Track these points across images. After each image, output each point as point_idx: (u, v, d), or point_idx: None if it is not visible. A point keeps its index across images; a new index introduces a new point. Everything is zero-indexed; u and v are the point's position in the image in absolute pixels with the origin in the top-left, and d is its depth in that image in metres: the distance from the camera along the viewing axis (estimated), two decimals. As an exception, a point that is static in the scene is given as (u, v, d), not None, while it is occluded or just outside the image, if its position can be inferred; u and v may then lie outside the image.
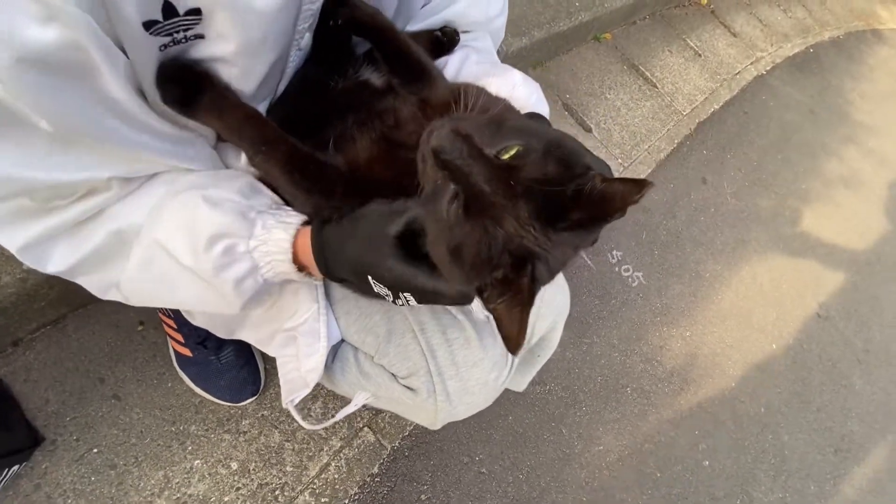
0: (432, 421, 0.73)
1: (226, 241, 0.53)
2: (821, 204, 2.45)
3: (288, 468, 1.02)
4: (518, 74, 0.70)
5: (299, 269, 0.57)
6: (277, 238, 0.55)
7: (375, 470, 1.10)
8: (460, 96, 0.62)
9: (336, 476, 1.05)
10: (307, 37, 0.64)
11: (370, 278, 0.51)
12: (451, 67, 0.73)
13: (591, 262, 1.67)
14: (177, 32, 0.48)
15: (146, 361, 1.00)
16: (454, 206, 0.44)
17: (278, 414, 1.05)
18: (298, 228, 0.56)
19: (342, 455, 1.07)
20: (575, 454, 1.34)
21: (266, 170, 0.58)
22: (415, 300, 0.51)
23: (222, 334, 0.77)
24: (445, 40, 0.76)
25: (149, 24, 0.45)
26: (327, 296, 0.71)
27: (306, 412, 1.08)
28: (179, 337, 0.96)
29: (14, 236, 0.52)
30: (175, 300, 0.58)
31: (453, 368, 0.70)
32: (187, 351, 0.96)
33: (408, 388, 0.70)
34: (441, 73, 0.66)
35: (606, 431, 1.42)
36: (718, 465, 1.53)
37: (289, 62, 0.63)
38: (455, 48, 0.77)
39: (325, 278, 0.58)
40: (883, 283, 2.33)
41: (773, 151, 2.49)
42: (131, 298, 0.58)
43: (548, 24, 1.78)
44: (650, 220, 1.90)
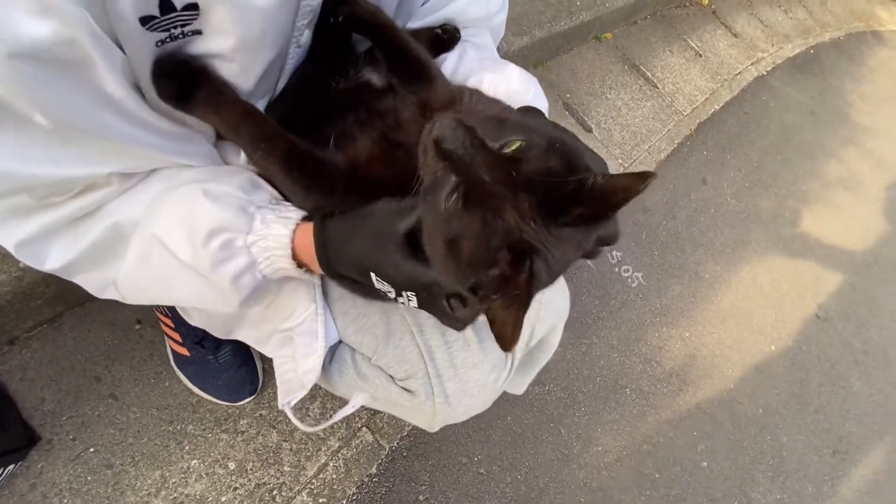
0: (430, 423, 0.72)
1: (224, 236, 0.52)
2: (820, 205, 2.45)
3: (286, 468, 1.02)
4: (515, 69, 0.69)
5: (298, 266, 0.57)
6: (277, 233, 0.54)
7: (373, 470, 1.10)
8: (460, 97, 0.62)
9: (334, 476, 1.05)
10: (307, 34, 0.63)
11: (373, 275, 0.51)
12: (449, 63, 0.73)
13: (591, 263, 1.67)
14: (174, 28, 0.47)
15: (143, 360, 0.99)
16: (453, 198, 0.43)
17: (276, 414, 1.05)
18: (298, 224, 0.55)
19: (340, 455, 1.07)
20: (573, 455, 1.34)
21: (264, 167, 0.57)
22: (416, 302, 0.50)
23: (220, 334, 0.76)
24: (446, 38, 0.75)
25: (145, 20, 0.45)
26: (325, 296, 0.70)
27: (304, 412, 1.07)
28: (177, 336, 0.95)
29: (11, 233, 0.51)
30: (173, 297, 0.58)
31: (452, 370, 0.69)
32: (185, 350, 0.96)
33: (406, 391, 0.70)
34: (441, 73, 0.66)
35: (605, 432, 1.41)
36: (717, 466, 1.53)
37: (288, 59, 0.62)
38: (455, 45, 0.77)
39: (324, 277, 0.57)
40: (881, 285, 2.33)
41: (774, 152, 2.48)
42: (128, 296, 0.58)
43: (549, 24, 1.78)
44: (650, 221, 1.89)
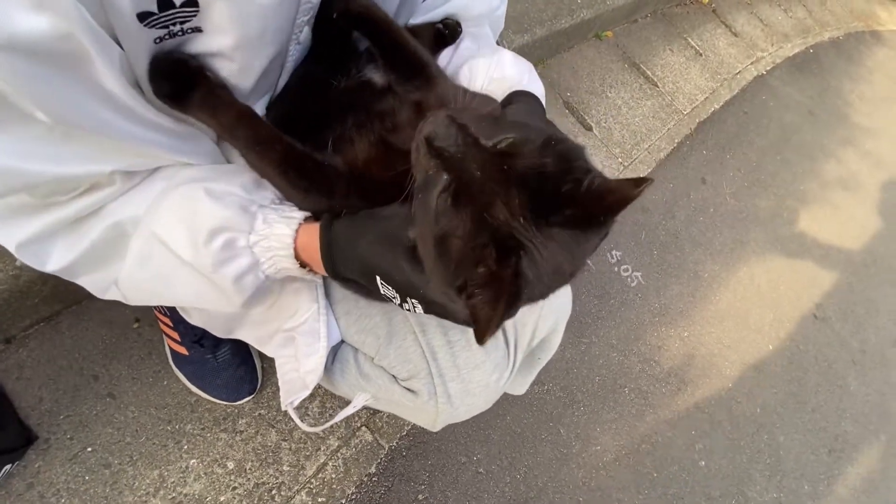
0: (432, 423, 0.72)
1: (226, 235, 0.52)
2: (818, 205, 2.45)
3: (285, 468, 1.01)
4: (508, 54, 0.68)
5: (301, 266, 0.56)
6: (279, 233, 0.54)
7: (373, 470, 1.10)
8: (458, 96, 0.61)
9: (333, 476, 1.04)
10: (306, 31, 0.63)
11: (378, 279, 0.50)
12: (445, 53, 0.72)
13: (590, 262, 1.67)
14: (173, 25, 0.46)
15: (141, 359, 0.99)
16: (444, 196, 0.43)
17: (275, 413, 1.04)
18: (301, 224, 0.55)
19: (339, 455, 1.07)
20: (572, 454, 1.34)
21: (260, 169, 0.56)
22: (422, 308, 0.50)
23: (220, 333, 0.76)
24: (447, 33, 0.75)
25: (143, 16, 0.44)
26: (327, 296, 0.70)
27: (303, 412, 1.07)
28: (175, 335, 0.94)
29: (12, 233, 0.51)
30: (174, 297, 0.57)
31: (455, 370, 0.69)
32: (183, 349, 0.95)
33: (408, 391, 0.69)
34: (443, 73, 0.65)
35: (604, 431, 1.41)
36: (714, 465, 1.54)
37: (288, 57, 0.62)
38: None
39: (328, 277, 0.57)
40: (878, 286, 2.34)
41: (773, 152, 2.49)
42: (130, 296, 0.57)
43: (549, 22, 1.77)
44: (649, 220, 1.89)
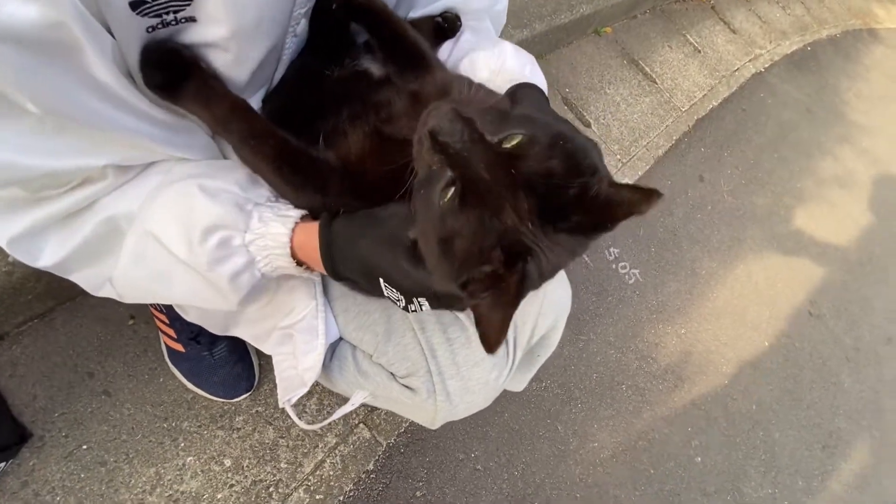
0: (431, 420, 0.72)
1: (221, 233, 0.51)
2: (815, 203, 2.46)
3: (282, 465, 1.01)
4: (509, 46, 0.67)
5: (298, 265, 0.55)
6: (275, 232, 0.53)
7: (371, 467, 1.10)
8: (458, 88, 0.60)
9: (331, 473, 1.04)
10: (303, 23, 0.62)
11: (381, 281, 0.50)
12: (445, 46, 0.72)
13: (588, 259, 1.67)
14: (166, 14, 0.45)
15: (137, 356, 0.98)
16: (450, 194, 0.42)
17: (273, 410, 1.03)
18: (297, 222, 0.54)
19: (337, 452, 1.06)
20: (570, 451, 1.34)
21: (253, 164, 0.55)
22: (429, 306, 0.49)
23: (216, 331, 0.75)
24: (447, 26, 0.74)
25: (136, 4, 0.43)
26: (325, 293, 0.69)
27: (301, 409, 1.06)
28: (171, 332, 0.93)
29: (3, 228, 0.50)
30: (170, 295, 0.56)
31: (454, 368, 0.68)
32: (180, 346, 0.94)
33: (407, 388, 0.69)
34: (441, 65, 0.64)
35: (601, 428, 1.42)
36: (710, 462, 1.54)
37: (284, 49, 0.61)
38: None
39: (327, 276, 0.56)
40: (873, 283, 2.36)
41: (770, 150, 2.49)
42: (125, 294, 0.56)
43: (549, 17, 1.76)
44: (647, 217, 1.89)
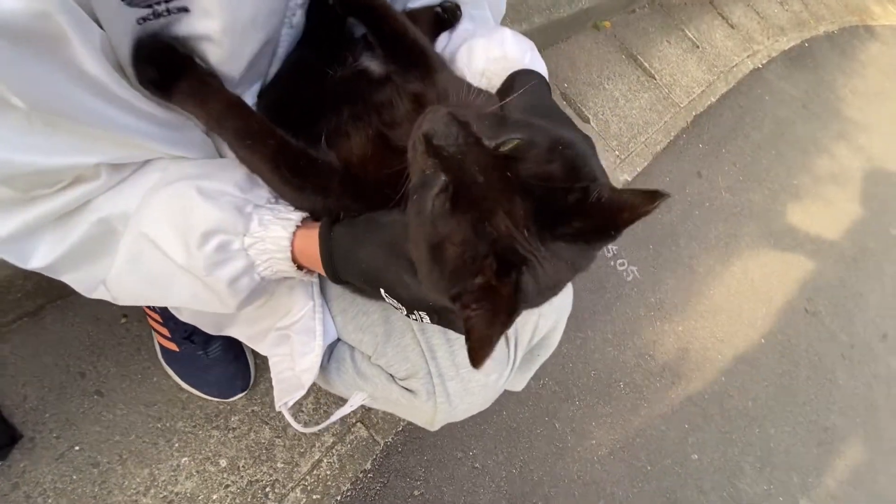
0: (430, 422, 0.71)
1: (220, 237, 0.49)
2: (811, 200, 2.47)
3: (279, 465, 1.00)
4: (508, 32, 0.65)
5: (298, 268, 0.54)
6: (276, 236, 0.51)
7: (368, 466, 1.09)
8: (460, 90, 0.58)
9: (328, 472, 1.03)
10: (299, 14, 0.60)
11: (383, 292, 0.48)
12: (443, 35, 0.70)
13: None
14: (157, 4, 0.43)
15: (130, 356, 0.96)
16: (441, 199, 0.40)
17: (269, 410, 1.02)
18: (298, 226, 0.52)
19: (334, 451, 1.05)
20: (568, 448, 1.34)
21: (250, 163, 0.54)
22: (429, 320, 0.48)
23: (211, 330, 0.74)
24: (446, 17, 0.72)
25: None
26: (323, 293, 0.68)
27: (297, 408, 1.05)
28: (165, 331, 0.92)
29: None
30: (166, 299, 0.55)
31: (454, 369, 0.67)
32: (173, 346, 0.93)
33: (406, 390, 0.68)
34: (443, 63, 0.63)
35: (599, 426, 1.42)
36: (706, 459, 1.55)
37: (280, 41, 0.59)
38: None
39: (328, 279, 0.54)
40: (868, 280, 2.37)
41: (767, 146, 2.49)
42: (119, 297, 0.55)
43: (548, 11, 1.74)
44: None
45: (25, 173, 0.44)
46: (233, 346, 0.99)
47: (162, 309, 0.90)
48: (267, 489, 0.97)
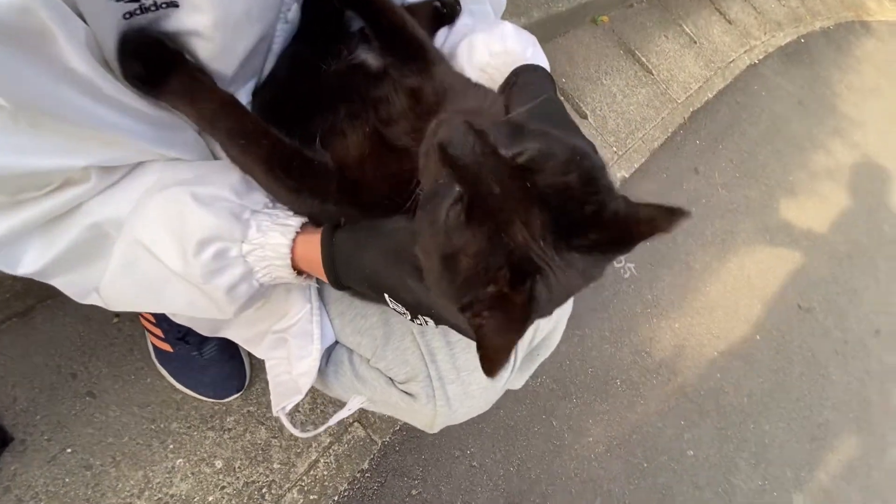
0: (430, 425, 0.70)
1: (217, 245, 0.48)
2: (806, 196, 2.47)
3: (275, 465, 0.99)
4: (509, 26, 0.63)
5: (298, 274, 0.53)
6: (275, 242, 0.50)
7: (365, 465, 1.08)
8: (461, 89, 0.57)
9: (325, 473, 1.02)
10: (294, 8, 0.58)
11: (387, 297, 0.47)
12: (442, 30, 0.69)
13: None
14: None
15: (122, 356, 0.94)
16: (455, 210, 0.39)
17: (265, 410, 1.01)
18: (298, 232, 0.51)
19: (331, 451, 1.04)
20: (565, 446, 1.34)
21: (244, 165, 0.52)
22: (433, 323, 0.47)
23: (205, 332, 0.72)
24: (446, 11, 0.71)
25: None
26: (320, 295, 0.66)
27: (294, 409, 1.04)
28: (158, 332, 0.90)
29: None
30: (162, 305, 0.53)
31: (454, 372, 0.66)
32: (167, 346, 0.91)
33: (406, 393, 0.67)
34: (441, 57, 0.61)
35: (596, 423, 1.42)
36: (702, 455, 1.56)
37: (275, 37, 0.57)
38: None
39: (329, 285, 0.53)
40: (861, 276, 2.39)
41: (764, 143, 2.49)
42: (113, 303, 0.53)
43: (546, 5, 1.72)
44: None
45: (12, 176, 0.42)
46: (228, 346, 0.97)
47: (155, 309, 0.88)
48: (263, 490, 0.96)
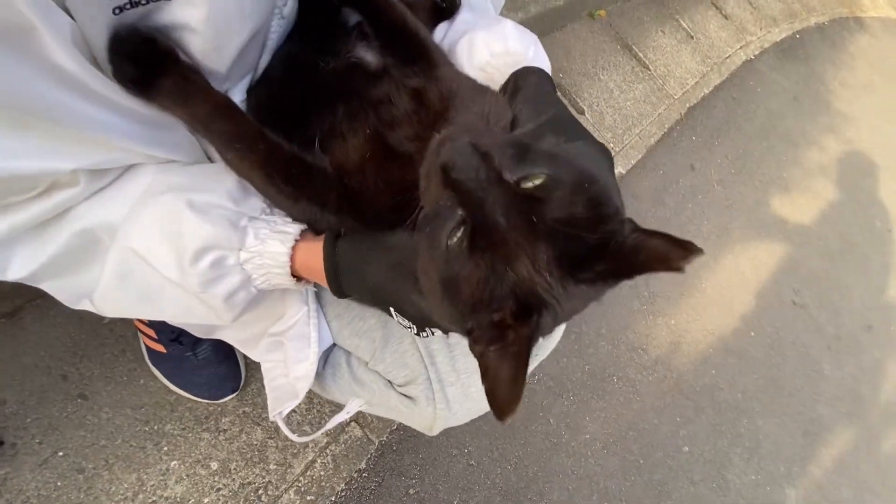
0: (429, 427, 0.69)
1: (214, 254, 0.46)
2: (799, 193, 2.48)
3: (271, 466, 0.98)
4: (511, 25, 0.62)
5: (297, 280, 0.51)
6: (274, 251, 0.48)
7: (363, 465, 1.07)
8: (465, 94, 0.55)
9: (322, 473, 1.02)
10: (290, 3, 0.56)
11: (392, 311, 0.47)
12: (441, 25, 0.67)
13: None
14: None
15: (114, 357, 0.93)
16: (458, 235, 0.38)
17: (260, 411, 1.00)
18: (297, 240, 0.49)
19: (328, 451, 1.04)
20: (562, 443, 1.34)
21: (240, 170, 0.50)
22: (440, 333, 0.46)
23: (200, 334, 0.71)
24: (445, 5, 0.69)
25: None
26: (317, 297, 0.65)
27: (290, 412, 1.03)
28: (151, 332, 0.88)
29: None
30: (158, 313, 0.52)
31: (454, 375, 0.66)
32: (160, 347, 0.89)
33: (405, 396, 0.66)
34: (444, 56, 0.60)
35: (593, 420, 1.42)
36: (697, 451, 1.57)
37: (270, 33, 0.55)
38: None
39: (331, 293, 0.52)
40: (853, 272, 2.40)
41: (759, 139, 2.49)
42: (107, 311, 0.52)
43: (544, -1, 1.70)
44: (640, 208, 1.88)
45: None
46: (223, 347, 0.96)
47: (148, 310, 0.86)
48: (260, 491, 0.95)
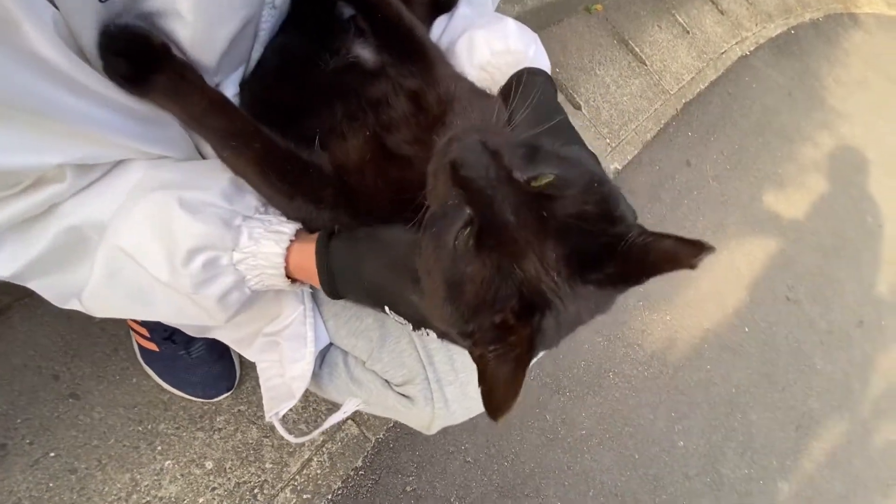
0: (427, 427, 0.69)
1: (207, 254, 0.45)
2: (793, 188, 2.49)
3: (267, 465, 0.97)
4: (512, 23, 0.61)
5: (292, 282, 0.50)
6: (268, 252, 0.47)
7: (359, 463, 1.07)
8: (462, 94, 0.54)
9: (319, 471, 1.01)
10: None
11: (387, 309, 0.46)
12: (440, 20, 0.66)
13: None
14: None
15: (106, 356, 0.91)
16: (465, 235, 0.37)
17: (255, 409, 0.99)
18: (292, 240, 0.48)
19: (325, 449, 1.03)
20: (558, 439, 1.35)
21: (235, 167, 0.49)
22: (436, 335, 0.45)
23: (193, 333, 0.70)
24: (443, 0, 0.68)
25: None
26: (313, 296, 0.64)
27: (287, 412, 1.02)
28: (144, 331, 0.87)
29: None
30: (149, 314, 0.51)
31: (452, 374, 0.65)
32: (153, 345, 0.88)
33: (403, 396, 0.65)
34: (441, 55, 0.58)
35: (589, 416, 1.42)
36: (692, 445, 1.58)
37: (261, 24, 0.54)
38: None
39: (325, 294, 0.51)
40: (846, 267, 2.42)
41: (754, 135, 2.50)
42: (97, 312, 0.51)
43: (541, -8, 1.69)
44: (636, 203, 1.83)
45: None
46: (217, 345, 0.94)
47: (140, 309, 0.85)
48: (255, 490, 0.94)
